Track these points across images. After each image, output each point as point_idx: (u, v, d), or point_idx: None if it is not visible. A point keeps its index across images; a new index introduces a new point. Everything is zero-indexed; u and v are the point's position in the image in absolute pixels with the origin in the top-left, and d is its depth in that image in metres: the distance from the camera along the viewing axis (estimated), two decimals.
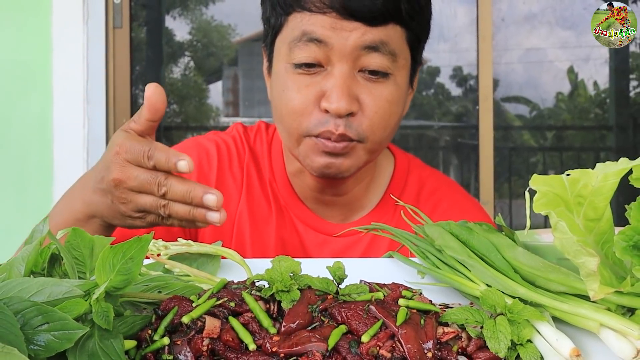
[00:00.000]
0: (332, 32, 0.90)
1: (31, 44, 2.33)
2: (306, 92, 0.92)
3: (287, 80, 0.94)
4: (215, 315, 0.55)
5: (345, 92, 0.90)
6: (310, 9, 0.91)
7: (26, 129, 2.32)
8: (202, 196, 0.71)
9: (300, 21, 0.92)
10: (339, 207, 1.05)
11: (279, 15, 0.95)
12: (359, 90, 0.92)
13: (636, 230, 0.55)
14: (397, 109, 0.96)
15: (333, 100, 0.89)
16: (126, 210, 0.75)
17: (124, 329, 0.53)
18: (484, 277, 0.61)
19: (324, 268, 0.62)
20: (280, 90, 0.95)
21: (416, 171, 1.11)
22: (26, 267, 0.58)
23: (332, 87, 0.90)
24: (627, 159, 0.55)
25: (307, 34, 0.91)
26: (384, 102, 0.93)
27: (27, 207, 2.26)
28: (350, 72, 0.91)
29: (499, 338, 0.52)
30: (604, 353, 0.53)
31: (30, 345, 0.47)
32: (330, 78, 0.91)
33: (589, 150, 3.67)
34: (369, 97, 0.92)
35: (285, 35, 0.95)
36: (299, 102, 0.92)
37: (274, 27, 0.97)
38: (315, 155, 0.93)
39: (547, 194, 0.56)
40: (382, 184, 1.09)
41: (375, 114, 0.93)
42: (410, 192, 1.08)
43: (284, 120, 0.95)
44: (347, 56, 0.90)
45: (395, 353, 0.52)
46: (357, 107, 0.91)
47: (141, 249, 0.53)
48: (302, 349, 0.51)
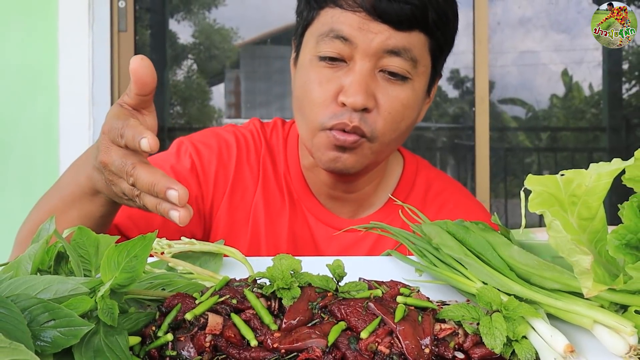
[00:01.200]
0: (359, 32, 0.91)
1: (38, 47, 2.33)
2: (327, 86, 0.93)
3: (311, 72, 0.95)
4: (218, 312, 0.55)
5: (363, 88, 0.91)
6: (342, 6, 0.92)
7: (33, 129, 2.32)
8: (166, 191, 0.64)
9: (331, 17, 0.93)
10: (350, 204, 1.06)
11: (312, 8, 0.97)
12: (377, 88, 0.93)
13: (629, 229, 0.55)
14: (410, 114, 0.97)
15: (350, 94, 0.90)
16: (117, 192, 0.72)
17: (128, 326, 0.53)
18: (480, 275, 0.61)
19: (324, 266, 0.62)
20: (303, 80, 0.96)
21: (424, 172, 1.12)
22: (33, 265, 0.58)
23: (351, 81, 0.91)
24: (620, 160, 0.55)
25: (334, 31, 0.92)
26: (398, 104, 0.94)
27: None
28: (371, 71, 0.92)
29: (494, 334, 0.52)
30: (598, 349, 0.53)
31: (37, 341, 0.47)
32: (350, 73, 0.92)
33: (582, 151, 3.67)
34: (385, 97, 0.93)
35: (315, 28, 0.96)
36: (319, 94, 0.93)
37: (306, 19, 0.98)
38: (326, 149, 0.94)
39: (541, 193, 0.56)
40: (391, 183, 1.10)
41: (388, 114, 0.93)
42: (417, 192, 1.09)
43: (304, 109, 0.96)
44: (369, 56, 0.91)
45: (393, 349, 0.52)
46: (373, 103, 0.92)
47: (145, 248, 0.53)
48: (303, 345, 0.52)
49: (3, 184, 2.31)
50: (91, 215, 0.81)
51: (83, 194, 0.80)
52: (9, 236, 0.97)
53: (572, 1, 3.22)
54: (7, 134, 2.32)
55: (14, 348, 0.43)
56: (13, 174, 2.31)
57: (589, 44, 3.29)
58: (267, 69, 3.53)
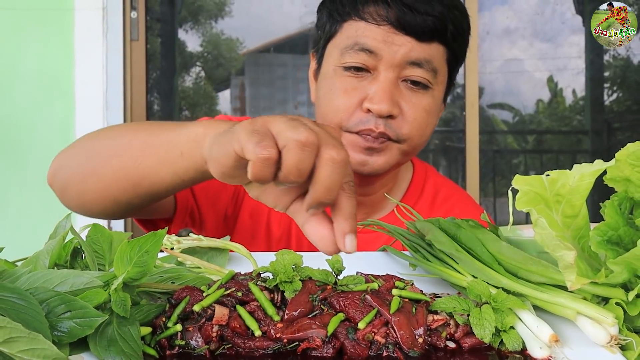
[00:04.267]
0: (384, 44, 0.90)
1: (56, 55, 2.34)
2: (353, 94, 0.92)
3: (335, 81, 0.94)
4: (224, 304, 0.55)
5: (388, 96, 0.90)
6: (367, 19, 0.91)
7: (51, 132, 2.33)
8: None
9: (356, 30, 0.92)
10: (364, 206, 1.06)
11: (336, 22, 0.96)
12: (400, 97, 0.93)
13: (610, 226, 0.55)
14: (432, 120, 0.97)
15: (376, 102, 0.90)
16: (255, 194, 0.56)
17: (140, 317, 0.53)
18: (470, 269, 0.61)
19: (324, 260, 0.62)
20: (327, 89, 0.95)
21: (432, 179, 1.13)
22: (50, 260, 0.58)
23: (376, 90, 0.91)
24: (602, 161, 0.55)
25: (359, 44, 0.92)
26: (421, 111, 0.94)
27: (51, 205, 2.26)
28: (394, 80, 0.92)
29: (484, 325, 0.52)
30: (581, 339, 0.53)
31: (54, 331, 0.47)
32: (375, 82, 0.91)
33: (566, 152, 3.66)
34: (409, 105, 0.93)
35: (338, 40, 0.95)
36: (343, 101, 0.92)
37: (329, 32, 0.97)
38: (352, 151, 0.93)
39: (528, 192, 0.56)
40: (402, 188, 1.10)
41: (414, 120, 0.93)
42: (426, 197, 1.10)
43: (327, 116, 0.94)
44: (393, 66, 0.91)
45: (389, 339, 0.52)
46: (397, 111, 0.92)
47: (156, 243, 0.53)
48: (304, 334, 0.51)
49: (22, 183, 2.31)
50: (182, 183, 0.70)
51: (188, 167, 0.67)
52: (29, 233, 0.96)
53: (557, 12, 3.21)
54: (27, 137, 2.32)
55: (32, 338, 0.43)
56: (32, 174, 2.31)
57: (573, 52, 3.29)
58: (270, 75, 3.52)
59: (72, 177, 0.80)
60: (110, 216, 0.83)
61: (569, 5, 3.22)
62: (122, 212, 0.81)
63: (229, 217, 1.04)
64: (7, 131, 2.32)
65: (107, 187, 0.76)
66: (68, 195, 0.83)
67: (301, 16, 2.92)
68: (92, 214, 0.83)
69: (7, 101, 2.33)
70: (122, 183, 0.73)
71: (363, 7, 0.92)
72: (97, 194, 0.77)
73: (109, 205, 0.78)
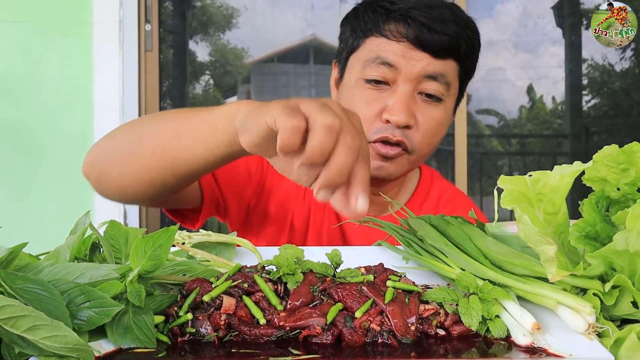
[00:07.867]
0: (403, 59, 0.92)
1: (75, 65, 2.33)
2: (373, 105, 0.93)
3: (357, 92, 0.95)
4: (231, 294, 0.55)
5: (406, 107, 0.92)
6: (387, 36, 0.93)
7: (71, 137, 2.32)
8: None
9: (377, 46, 0.94)
10: (374, 205, 1.05)
11: (358, 37, 0.97)
12: (416, 108, 0.94)
13: (588, 222, 0.55)
14: (442, 130, 0.98)
15: (394, 113, 0.91)
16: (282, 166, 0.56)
17: (153, 306, 0.53)
18: (458, 262, 0.61)
19: (324, 254, 0.62)
20: (349, 99, 0.96)
21: (437, 182, 1.14)
22: (71, 254, 0.58)
23: (394, 102, 0.92)
24: (580, 162, 0.55)
25: (380, 58, 0.93)
26: (433, 122, 0.95)
27: (70, 205, 2.25)
28: (411, 93, 0.93)
29: (471, 314, 0.52)
30: (561, 327, 0.53)
31: (74, 320, 0.47)
32: (394, 95, 0.93)
33: (548, 154, 3.66)
34: (423, 116, 0.94)
35: (360, 54, 0.96)
36: (365, 111, 0.93)
37: (351, 46, 0.98)
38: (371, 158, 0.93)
39: (512, 192, 0.56)
40: (409, 189, 1.11)
41: (425, 130, 0.95)
42: (432, 199, 1.11)
43: None
44: (411, 80, 0.92)
45: (383, 327, 0.52)
46: (413, 121, 0.93)
47: (168, 239, 0.53)
48: (305, 323, 0.51)
49: (44, 187, 2.31)
50: (214, 160, 0.68)
51: (221, 141, 0.65)
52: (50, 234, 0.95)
53: (538, 25, 3.21)
54: (47, 142, 2.32)
55: (54, 325, 0.43)
56: (53, 177, 2.30)
57: (553, 62, 3.29)
58: (274, 83, 3.52)
59: (111, 161, 0.79)
60: (144, 200, 0.81)
61: (550, 19, 3.22)
62: (156, 195, 0.78)
63: (252, 208, 1.05)
64: (31, 136, 2.32)
65: (145, 168, 0.74)
66: (105, 181, 0.81)
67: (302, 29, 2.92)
68: (128, 198, 0.81)
69: (31, 108, 2.32)
70: (159, 162, 0.72)
71: (384, 25, 0.93)
72: (135, 175, 0.75)
73: (145, 188, 0.76)
